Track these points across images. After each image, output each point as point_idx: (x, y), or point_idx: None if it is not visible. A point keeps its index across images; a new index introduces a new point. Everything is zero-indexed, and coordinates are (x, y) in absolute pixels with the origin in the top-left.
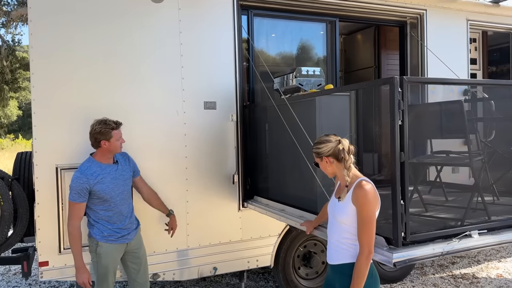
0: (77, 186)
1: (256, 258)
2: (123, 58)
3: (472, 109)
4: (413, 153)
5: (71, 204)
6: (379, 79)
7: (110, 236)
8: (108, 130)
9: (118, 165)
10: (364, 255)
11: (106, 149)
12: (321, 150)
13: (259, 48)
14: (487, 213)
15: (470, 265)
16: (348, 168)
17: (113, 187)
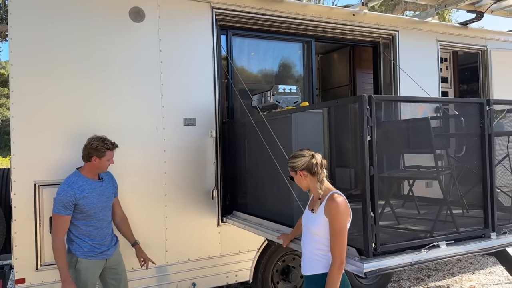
0: (64, 199)
1: (235, 273)
2: (103, 75)
3: (443, 125)
4: (387, 168)
5: (56, 217)
6: (349, 97)
7: (89, 252)
8: (103, 149)
9: (103, 182)
10: (336, 265)
11: (95, 166)
12: (295, 164)
13: (238, 67)
14: (455, 224)
15: (445, 278)
16: (321, 182)
17: (97, 202)
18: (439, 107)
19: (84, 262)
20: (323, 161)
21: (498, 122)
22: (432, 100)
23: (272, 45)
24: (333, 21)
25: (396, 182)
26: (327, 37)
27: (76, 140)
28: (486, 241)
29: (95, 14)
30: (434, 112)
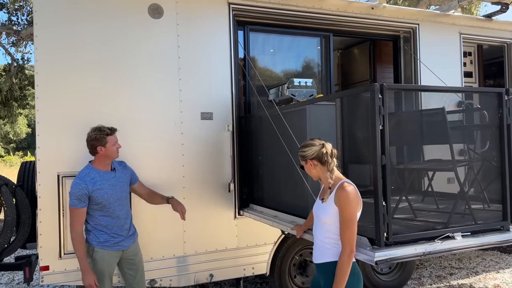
0: (77, 192)
1: (252, 266)
2: (123, 71)
3: (467, 119)
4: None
5: (72, 210)
6: (360, 87)
7: (106, 242)
8: (102, 136)
9: (116, 172)
10: (346, 254)
11: (103, 155)
12: (305, 153)
13: (255, 62)
14: (472, 217)
15: (468, 276)
16: (331, 171)
17: (111, 193)
18: (462, 101)
19: (100, 252)
20: (334, 151)
21: None
22: (447, 89)
23: (289, 40)
24: (351, 15)
25: (412, 174)
26: (346, 32)
27: None
28: (504, 234)
29: (115, 11)
30: (457, 107)
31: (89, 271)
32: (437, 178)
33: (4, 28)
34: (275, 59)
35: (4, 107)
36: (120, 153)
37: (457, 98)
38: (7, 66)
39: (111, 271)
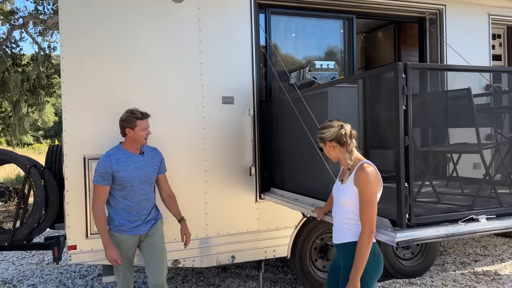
0: (101, 169)
1: (273, 249)
2: (145, 56)
3: (495, 103)
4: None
5: (95, 186)
6: (384, 66)
7: (121, 226)
8: (133, 119)
9: (144, 156)
10: (366, 234)
11: (131, 138)
12: (324, 135)
13: (276, 45)
14: (498, 200)
15: (494, 263)
16: (350, 152)
17: (134, 175)
18: (490, 84)
19: (116, 236)
20: (352, 131)
21: None
22: (472, 69)
23: (311, 23)
24: None
25: (437, 157)
26: (370, 14)
27: None
28: None
29: None
30: (485, 90)
31: (111, 246)
32: (463, 163)
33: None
34: (297, 43)
35: (32, 95)
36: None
37: (485, 81)
38: (35, 55)
39: (129, 254)
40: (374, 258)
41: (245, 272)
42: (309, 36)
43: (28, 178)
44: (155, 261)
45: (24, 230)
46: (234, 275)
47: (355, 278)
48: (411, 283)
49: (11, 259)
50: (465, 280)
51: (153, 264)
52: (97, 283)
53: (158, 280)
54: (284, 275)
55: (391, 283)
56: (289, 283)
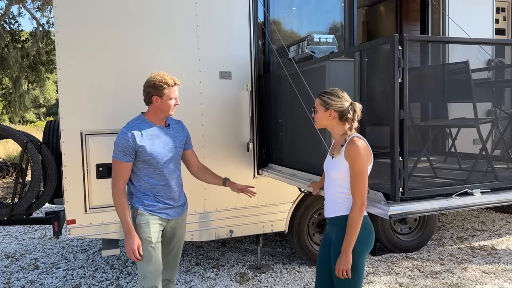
0: (122, 143)
1: (271, 223)
2: (141, 30)
3: (498, 77)
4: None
5: (115, 163)
6: (380, 38)
7: (151, 206)
8: (162, 85)
9: (169, 129)
10: (357, 207)
11: (158, 107)
12: (333, 102)
13: (275, 20)
14: (494, 175)
15: (491, 238)
16: (351, 130)
17: (161, 151)
18: (492, 60)
19: (145, 215)
20: (360, 113)
21: None
22: (471, 41)
23: None
24: None
25: (434, 132)
26: None
27: (118, 91)
28: None
29: None
30: (487, 64)
31: (133, 234)
32: (463, 139)
33: None
34: (296, 17)
35: (32, 71)
36: None
37: (487, 56)
38: (34, 31)
39: (156, 239)
40: (365, 231)
41: (244, 246)
42: (308, 9)
43: (25, 153)
44: (174, 256)
45: (22, 205)
46: (233, 249)
47: (346, 250)
48: (408, 257)
49: (14, 234)
50: (462, 255)
51: (172, 258)
52: (98, 257)
53: (171, 276)
54: (282, 249)
55: (388, 257)
56: (287, 257)
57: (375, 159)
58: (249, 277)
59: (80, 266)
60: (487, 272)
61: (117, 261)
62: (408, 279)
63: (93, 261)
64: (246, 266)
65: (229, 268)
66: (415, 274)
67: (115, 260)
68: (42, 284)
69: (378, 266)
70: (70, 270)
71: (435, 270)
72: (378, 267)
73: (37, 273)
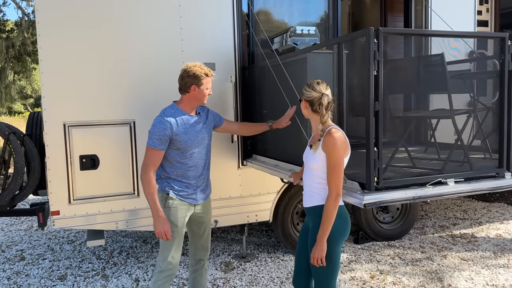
0: (159, 131)
1: (255, 213)
2: (125, 20)
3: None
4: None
5: (150, 151)
6: (357, 31)
7: (181, 192)
8: (202, 75)
9: (200, 118)
10: (332, 197)
11: (194, 97)
12: (304, 92)
13: (259, 11)
14: (469, 164)
15: (471, 226)
16: (323, 123)
17: (194, 139)
18: (473, 51)
19: (174, 199)
20: (331, 104)
21: None
22: (446, 34)
23: None
24: None
25: (412, 124)
26: None
27: (101, 83)
28: (497, 180)
29: None
30: (468, 56)
31: (162, 218)
32: (444, 130)
33: None
34: (281, 8)
35: (18, 62)
36: (126, 105)
37: (469, 48)
38: (19, 20)
39: (182, 224)
40: (341, 220)
41: (230, 236)
42: (293, 1)
43: (8, 145)
44: (205, 239)
45: (5, 196)
46: (219, 239)
47: (321, 239)
48: (390, 245)
49: (0, 225)
50: (442, 243)
51: (204, 241)
52: (84, 248)
53: (204, 256)
54: (268, 239)
55: (370, 245)
56: (272, 246)
57: (356, 150)
58: (234, 266)
59: (67, 257)
60: (466, 259)
61: (103, 251)
62: (389, 267)
63: (79, 252)
64: (232, 255)
65: (215, 257)
66: (396, 262)
67: (102, 250)
68: (27, 275)
69: (360, 254)
70: (56, 261)
71: (416, 258)
72: (360, 255)
73: (23, 264)
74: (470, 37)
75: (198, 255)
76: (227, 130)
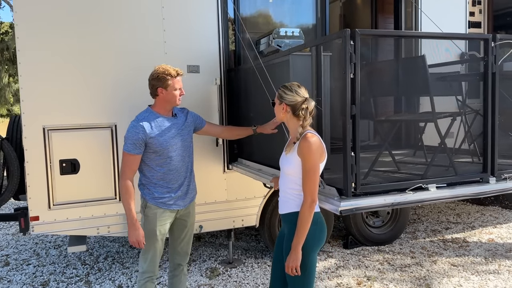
0: (132, 136)
1: (241, 218)
2: (105, 22)
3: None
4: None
5: (125, 156)
6: (333, 33)
7: (160, 198)
8: (166, 77)
9: (177, 119)
10: (307, 204)
11: (164, 99)
12: (286, 96)
13: (245, 12)
14: (454, 169)
15: (464, 230)
16: (304, 127)
17: (170, 141)
18: (465, 53)
19: (153, 208)
20: (314, 110)
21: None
22: (425, 36)
23: None
24: None
25: (396, 127)
26: None
27: (81, 86)
28: (480, 186)
29: None
30: (460, 58)
31: (136, 226)
32: (434, 133)
33: None
34: (268, 10)
35: (13, 64)
36: (107, 108)
37: (459, 49)
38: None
39: (163, 232)
40: (316, 226)
41: (219, 240)
42: (280, 2)
43: None
44: (186, 243)
45: None
46: (207, 244)
47: (296, 247)
48: (380, 250)
49: None
50: (433, 247)
51: (185, 245)
52: (71, 253)
53: (184, 261)
54: (256, 244)
55: (359, 250)
56: (260, 251)
57: (338, 153)
58: (219, 272)
59: (51, 262)
60: (456, 265)
61: (89, 257)
62: (376, 273)
63: (65, 257)
64: (218, 261)
65: (201, 263)
66: (384, 268)
67: (87, 256)
68: (10, 281)
69: (348, 260)
70: (41, 267)
71: (405, 263)
72: (349, 261)
73: (7, 270)
74: (451, 39)
75: (177, 259)
76: (209, 133)
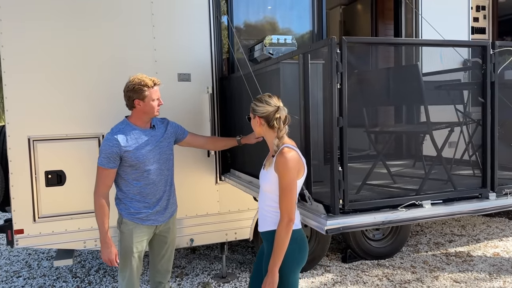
0: (106, 149)
1: (234, 231)
2: (93, 29)
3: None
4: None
5: (100, 170)
6: (319, 41)
7: (137, 214)
8: (142, 88)
9: (155, 131)
10: (284, 223)
11: (141, 111)
12: (257, 108)
13: (239, 19)
14: (452, 183)
15: (468, 244)
16: (280, 138)
17: (147, 154)
18: (467, 60)
19: (129, 224)
20: (288, 117)
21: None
22: (416, 43)
23: None
24: None
25: (392, 138)
26: None
27: (67, 96)
28: (479, 202)
29: None
30: (462, 65)
31: (108, 244)
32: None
33: None
34: (263, 16)
35: None
36: (94, 117)
37: (461, 57)
38: None
39: (140, 249)
40: (296, 245)
41: (214, 253)
42: (275, 7)
43: None
44: (167, 260)
45: None
46: (201, 257)
47: (272, 269)
48: (380, 265)
49: None
50: (435, 262)
51: (165, 262)
52: (62, 265)
53: (165, 278)
54: (252, 256)
55: (359, 264)
56: None
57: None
58: (211, 287)
59: (42, 275)
60: (459, 281)
61: (80, 269)
62: None
63: (56, 269)
64: (212, 275)
65: (193, 277)
66: (383, 284)
67: (79, 268)
68: None
69: (346, 275)
70: (31, 279)
71: (405, 279)
72: (347, 276)
73: None
74: (447, 46)
75: (158, 277)
76: (191, 145)
